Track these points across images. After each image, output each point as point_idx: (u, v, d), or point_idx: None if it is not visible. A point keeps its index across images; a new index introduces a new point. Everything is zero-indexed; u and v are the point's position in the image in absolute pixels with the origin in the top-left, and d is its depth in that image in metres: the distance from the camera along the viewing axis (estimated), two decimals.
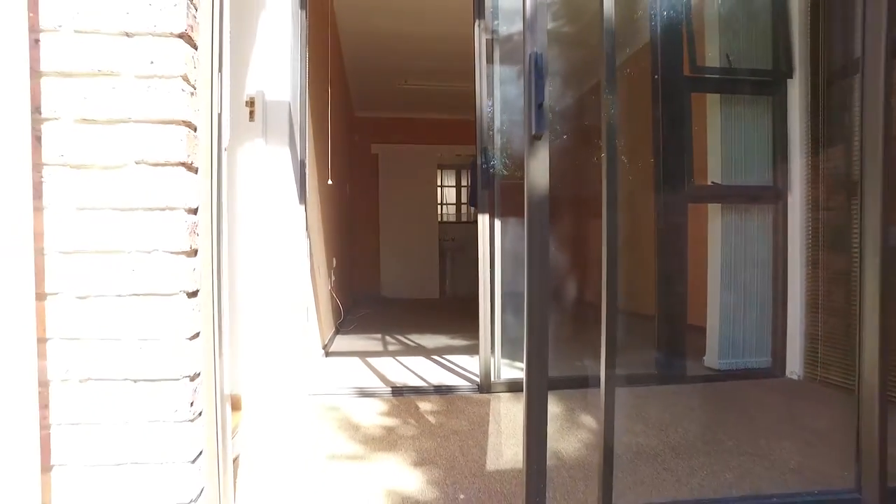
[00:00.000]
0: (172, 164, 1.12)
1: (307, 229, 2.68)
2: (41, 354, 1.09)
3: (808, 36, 2.72)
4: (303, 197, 2.48)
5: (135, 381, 1.12)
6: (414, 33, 4.73)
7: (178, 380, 1.13)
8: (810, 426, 2.19)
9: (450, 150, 7.49)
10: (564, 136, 3.40)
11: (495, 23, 2.69)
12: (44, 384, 1.09)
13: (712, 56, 2.88)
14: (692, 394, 2.71)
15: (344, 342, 4.08)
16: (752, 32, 2.87)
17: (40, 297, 1.09)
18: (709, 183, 2.91)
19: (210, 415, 1.21)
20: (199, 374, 1.19)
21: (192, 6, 1.16)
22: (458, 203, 8.38)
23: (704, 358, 2.95)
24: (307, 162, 2.59)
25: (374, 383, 2.78)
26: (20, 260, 1.03)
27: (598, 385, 1.31)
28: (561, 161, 2.74)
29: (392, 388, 2.67)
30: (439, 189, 8.01)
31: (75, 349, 1.11)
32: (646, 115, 2.93)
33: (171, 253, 1.12)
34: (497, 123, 2.73)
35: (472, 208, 7.78)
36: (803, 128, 2.75)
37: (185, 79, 1.14)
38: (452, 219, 8.30)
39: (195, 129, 1.19)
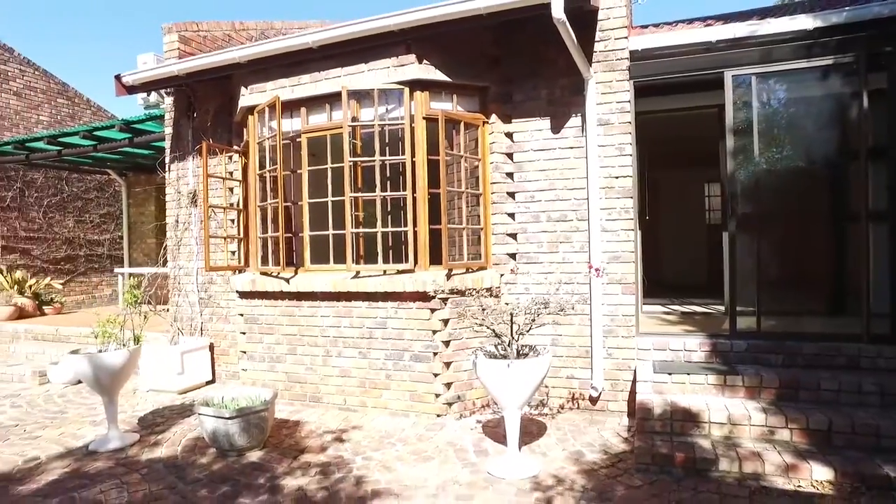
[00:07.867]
0: (631, 230, 4.64)
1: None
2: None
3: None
4: (636, 227, 5.88)
5: (619, 283, 4.67)
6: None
7: (631, 283, 4.64)
8: None
9: (713, 169, 10.01)
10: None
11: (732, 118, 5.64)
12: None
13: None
14: None
15: (649, 299, 7.37)
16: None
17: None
18: None
19: (638, 286, 4.70)
20: (636, 281, 4.68)
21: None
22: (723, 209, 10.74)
23: None
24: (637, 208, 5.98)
25: (672, 310, 6.06)
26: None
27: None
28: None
29: (680, 312, 5.92)
30: (706, 199, 10.58)
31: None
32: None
33: (630, 252, 4.64)
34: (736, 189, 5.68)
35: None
36: None
37: (632, 210, 4.64)
38: (717, 221, 10.70)
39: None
